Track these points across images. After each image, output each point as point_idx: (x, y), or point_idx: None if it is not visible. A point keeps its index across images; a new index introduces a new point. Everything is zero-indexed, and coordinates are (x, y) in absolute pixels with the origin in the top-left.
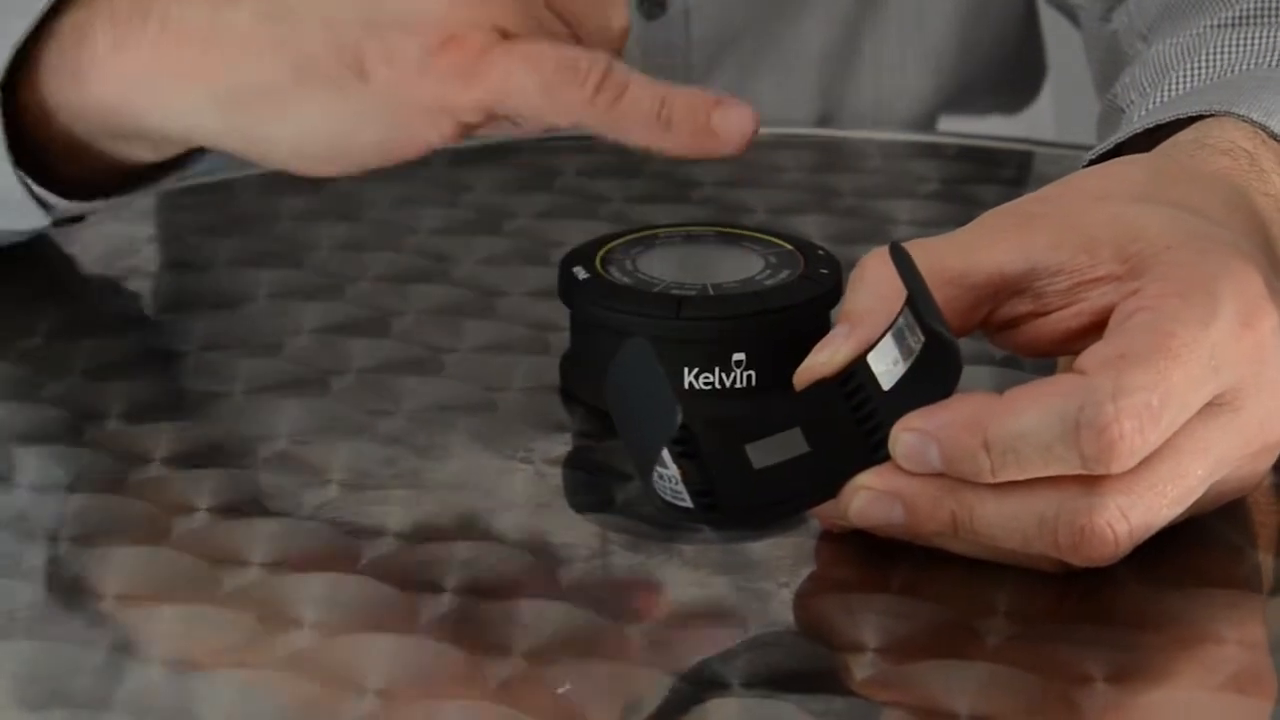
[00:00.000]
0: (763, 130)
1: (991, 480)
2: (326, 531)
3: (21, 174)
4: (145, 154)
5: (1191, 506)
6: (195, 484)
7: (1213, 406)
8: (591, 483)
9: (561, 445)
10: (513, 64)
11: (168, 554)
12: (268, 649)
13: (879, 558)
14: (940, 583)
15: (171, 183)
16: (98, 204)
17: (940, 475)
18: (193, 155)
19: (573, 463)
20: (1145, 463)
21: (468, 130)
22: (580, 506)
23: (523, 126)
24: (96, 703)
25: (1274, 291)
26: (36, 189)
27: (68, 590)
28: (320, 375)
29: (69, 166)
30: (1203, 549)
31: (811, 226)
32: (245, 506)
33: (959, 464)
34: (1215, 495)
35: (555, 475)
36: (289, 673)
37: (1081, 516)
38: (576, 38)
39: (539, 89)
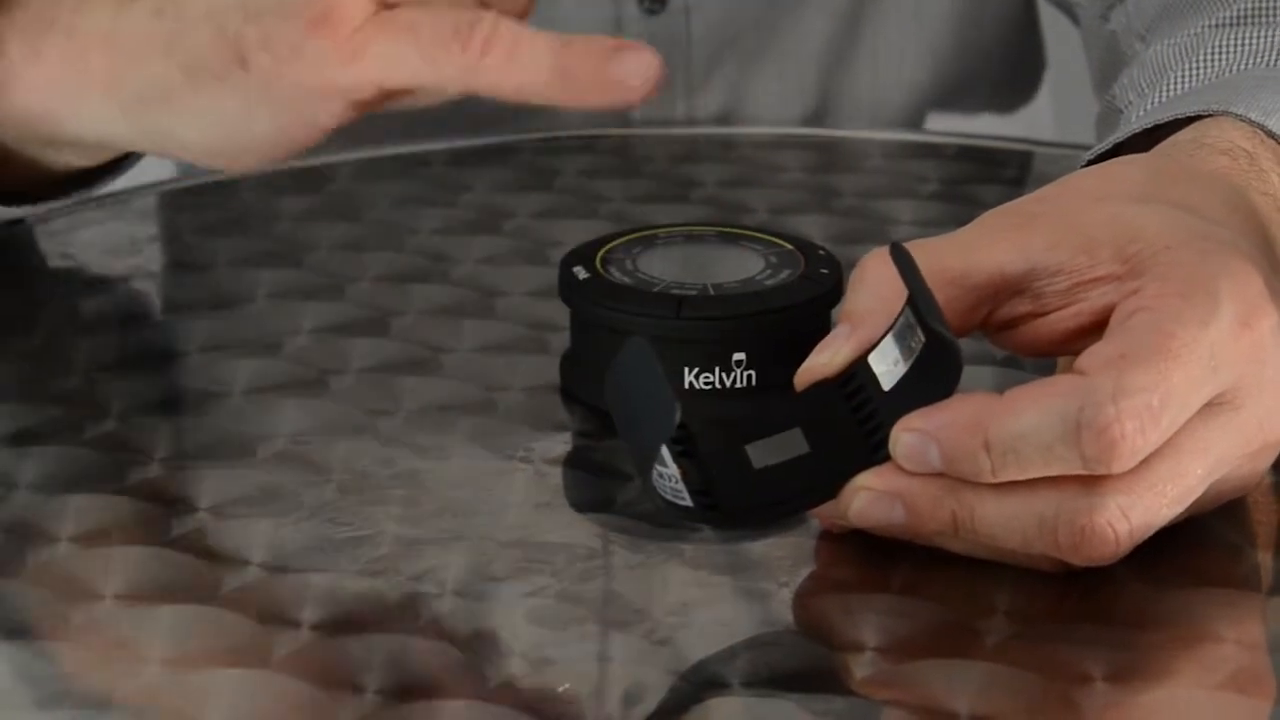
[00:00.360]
0: (763, 130)
1: (992, 480)
2: (325, 531)
3: None
4: (76, 159)
5: (1191, 506)
6: (194, 484)
7: (1212, 406)
8: (591, 482)
9: (561, 445)
10: (389, 36)
11: (167, 554)
12: (266, 649)
13: (879, 558)
14: (940, 582)
15: (107, 185)
16: (34, 208)
17: (940, 475)
18: (128, 158)
19: (573, 462)
20: (1145, 462)
21: (365, 108)
22: (580, 506)
23: (423, 98)
24: (96, 703)
25: (1273, 291)
26: None
27: (67, 590)
28: (320, 375)
29: (2, 171)
30: (1202, 548)
31: (812, 226)
32: (244, 506)
33: (959, 464)
34: (1215, 494)
35: (555, 475)
36: (288, 673)
37: (1082, 516)
38: (484, 4)
39: (421, 58)
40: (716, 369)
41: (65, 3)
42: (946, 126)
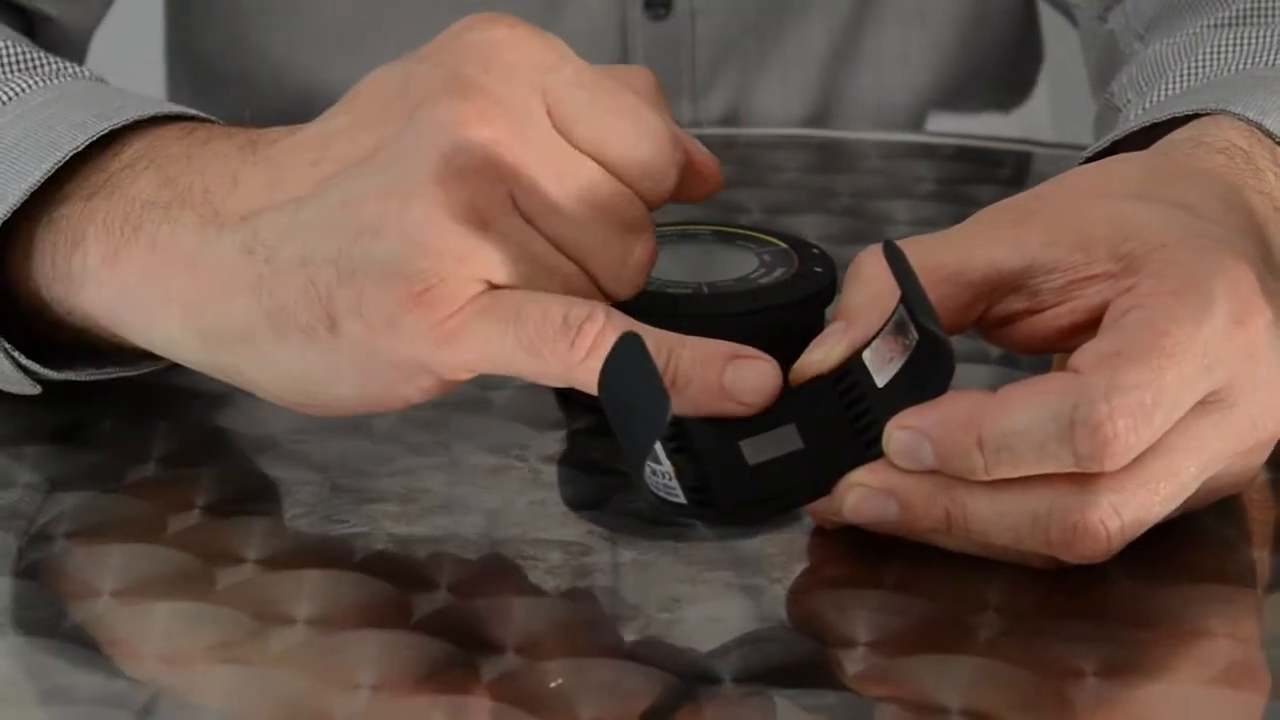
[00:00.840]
0: (759, 130)
1: (985, 478)
2: (321, 529)
3: (8, 347)
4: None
5: (1184, 503)
6: (191, 482)
7: (1206, 404)
8: (586, 480)
9: (556, 443)
10: (491, 322)
11: (163, 551)
12: (262, 645)
13: (872, 554)
14: (932, 579)
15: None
16: (95, 375)
17: (934, 472)
18: None
19: (567, 460)
20: (1138, 460)
21: (455, 386)
22: (575, 503)
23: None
24: (93, 699)
25: (1267, 289)
26: (24, 362)
27: (63, 588)
28: None
29: (69, 339)
30: (1195, 544)
31: (808, 226)
32: (240, 504)
33: (952, 461)
34: (1208, 492)
35: (550, 473)
36: (283, 669)
37: (1074, 513)
38: (590, 274)
39: (523, 349)
40: None
41: (153, 209)
42: (946, 127)
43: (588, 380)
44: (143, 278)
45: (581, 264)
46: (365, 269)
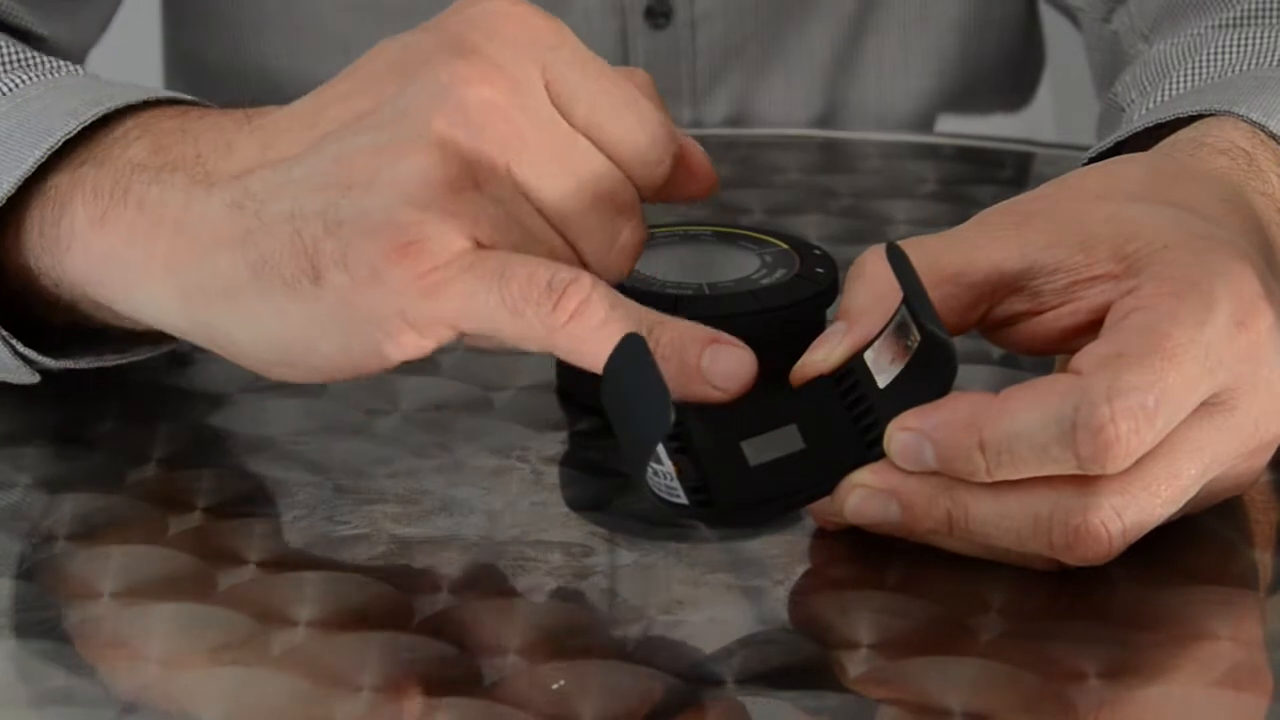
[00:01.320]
0: (760, 130)
1: (987, 480)
2: (322, 530)
3: (5, 334)
4: (130, 326)
5: (1186, 505)
6: (192, 483)
7: (1208, 406)
8: (587, 481)
9: (558, 444)
10: (475, 277)
11: (165, 553)
12: (263, 647)
13: (874, 555)
14: (934, 580)
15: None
16: (94, 362)
17: (935, 473)
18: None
19: (569, 461)
20: (1140, 463)
21: (437, 345)
22: (576, 505)
23: (498, 346)
24: (93, 701)
25: (1270, 291)
26: (21, 349)
27: (64, 589)
28: None
29: (62, 321)
30: (1198, 546)
31: (809, 226)
32: (242, 506)
33: (954, 463)
34: (1210, 494)
35: (552, 474)
36: (284, 671)
37: (1076, 516)
38: (577, 251)
39: (504, 309)
40: None
41: (143, 171)
42: (947, 128)
43: (568, 347)
44: (129, 238)
45: (570, 240)
46: (353, 221)
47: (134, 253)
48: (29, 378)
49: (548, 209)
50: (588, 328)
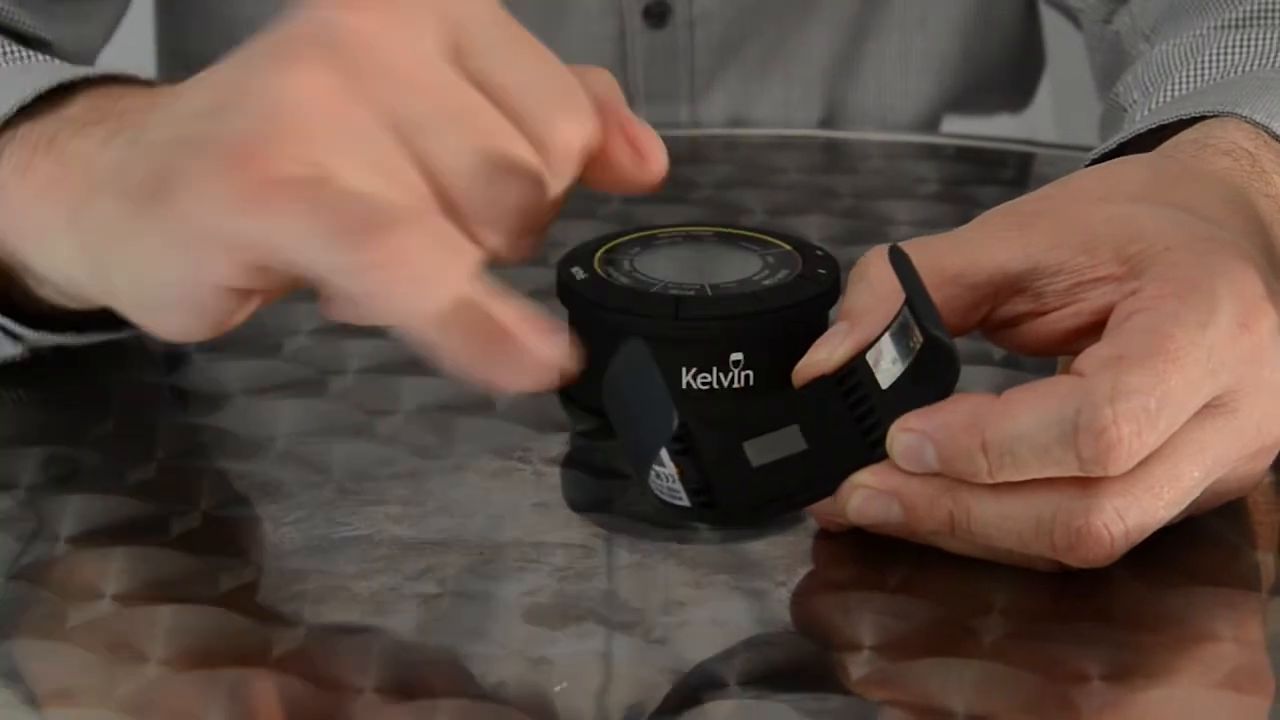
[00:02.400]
0: (761, 131)
1: (989, 481)
2: (323, 531)
3: None
4: (57, 298)
5: (1188, 507)
6: (192, 483)
7: (1210, 408)
8: (589, 482)
9: (560, 445)
10: (298, 200)
11: (166, 553)
12: (264, 648)
13: (876, 556)
14: (937, 581)
15: (108, 336)
16: (77, 338)
17: (938, 475)
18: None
19: (571, 462)
20: (1142, 464)
21: (246, 273)
22: (578, 506)
23: (306, 277)
24: (95, 702)
25: (1273, 293)
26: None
27: (64, 590)
28: (319, 375)
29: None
30: (1200, 548)
31: (811, 227)
32: (244, 506)
33: (956, 464)
34: (1213, 496)
35: (554, 475)
36: (286, 672)
37: (1078, 518)
38: (453, 206)
39: (317, 238)
40: (714, 369)
41: (70, 124)
42: (947, 129)
43: (375, 293)
44: (47, 185)
45: (442, 191)
46: (207, 136)
47: (46, 201)
48: (9, 348)
49: (424, 154)
50: (402, 276)
